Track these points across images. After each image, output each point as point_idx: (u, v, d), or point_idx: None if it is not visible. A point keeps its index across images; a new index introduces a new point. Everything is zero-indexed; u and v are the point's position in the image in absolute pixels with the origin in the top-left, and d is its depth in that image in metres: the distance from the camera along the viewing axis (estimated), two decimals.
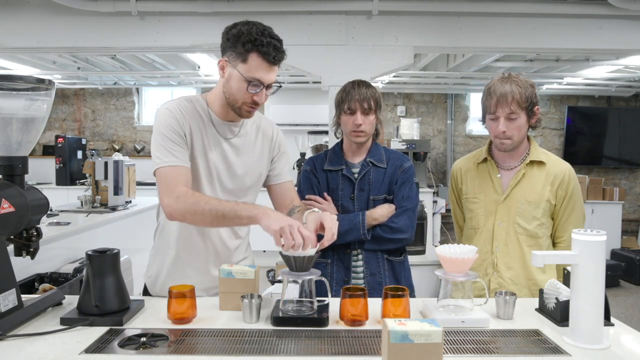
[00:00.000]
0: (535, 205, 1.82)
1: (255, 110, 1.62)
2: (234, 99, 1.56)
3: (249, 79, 1.50)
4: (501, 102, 1.74)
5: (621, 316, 4.50)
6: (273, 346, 1.26)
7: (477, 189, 1.92)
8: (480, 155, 1.96)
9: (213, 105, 1.64)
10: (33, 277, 2.75)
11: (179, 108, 1.59)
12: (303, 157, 6.34)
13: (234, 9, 3.34)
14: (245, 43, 1.47)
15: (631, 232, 7.12)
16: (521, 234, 1.83)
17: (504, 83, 1.76)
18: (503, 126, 1.77)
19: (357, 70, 3.33)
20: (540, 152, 1.88)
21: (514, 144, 1.81)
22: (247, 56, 1.48)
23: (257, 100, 1.55)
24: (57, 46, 3.52)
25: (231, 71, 1.53)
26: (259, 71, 1.50)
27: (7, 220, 1.33)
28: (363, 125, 1.87)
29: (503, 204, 1.85)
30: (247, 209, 1.45)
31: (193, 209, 1.47)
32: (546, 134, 7.27)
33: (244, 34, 1.48)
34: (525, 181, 1.84)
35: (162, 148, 1.53)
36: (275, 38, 1.52)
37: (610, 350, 1.25)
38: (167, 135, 1.54)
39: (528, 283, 1.84)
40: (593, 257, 1.26)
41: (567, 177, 1.83)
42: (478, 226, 1.91)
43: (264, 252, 6.28)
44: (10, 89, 1.40)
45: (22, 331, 1.32)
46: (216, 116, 1.64)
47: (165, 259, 1.72)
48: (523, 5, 3.32)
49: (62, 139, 6.30)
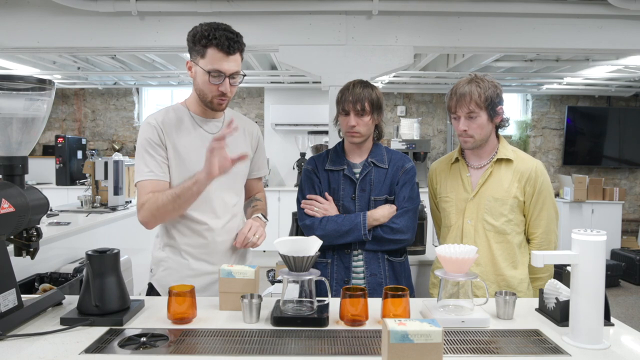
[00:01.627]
0: (502, 202, 1.86)
1: (225, 102, 1.72)
2: (203, 93, 1.69)
3: (209, 71, 1.63)
4: (460, 102, 1.83)
5: (621, 316, 4.50)
6: (273, 346, 1.26)
7: (448, 189, 1.98)
8: (453, 155, 2.02)
9: (192, 107, 1.77)
10: (33, 277, 2.75)
11: (161, 120, 1.71)
12: (303, 157, 6.34)
13: (234, 9, 3.34)
14: (200, 39, 1.62)
15: (631, 232, 7.12)
16: (489, 230, 1.87)
17: (466, 84, 1.84)
18: (463, 125, 1.85)
19: (357, 70, 3.33)
20: (509, 150, 1.92)
21: (477, 142, 1.87)
22: (204, 51, 1.63)
23: (223, 91, 1.66)
24: (57, 46, 3.51)
25: (195, 69, 1.67)
26: (216, 62, 1.62)
27: (7, 220, 1.33)
28: (357, 127, 1.88)
29: (472, 202, 1.90)
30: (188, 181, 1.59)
31: (155, 206, 1.62)
32: (546, 134, 7.27)
33: (199, 32, 1.63)
34: (492, 179, 1.89)
35: (140, 162, 1.68)
36: (229, 31, 1.64)
37: (610, 350, 1.25)
38: (146, 150, 1.68)
39: (497, 279, 1.87)
40: (593, 257, 1.26)
41: (534, 173, 1.87)
42: (450, 224, 1.97)
43: (264, 252, 6.30)
44: (10, 89, 1.40)
45: (22, 331, 1.32)
46: (198, 116, 1.77)
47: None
48: (523, 5, 3.32)
49: (62, 139, 6.31)
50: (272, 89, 6.77)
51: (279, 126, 6.65)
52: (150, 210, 1.64)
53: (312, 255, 1.42)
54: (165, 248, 1.78)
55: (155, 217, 1.66)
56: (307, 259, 1.41)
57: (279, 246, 1.45)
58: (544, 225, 1.88)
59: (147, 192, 1.66)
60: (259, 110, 7.12)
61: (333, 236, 1.87)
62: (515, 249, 1.88)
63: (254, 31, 3.41)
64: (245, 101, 7.16)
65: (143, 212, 1.65)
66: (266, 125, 6.83)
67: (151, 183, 1.66)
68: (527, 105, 7.34)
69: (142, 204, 1.65)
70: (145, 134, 1.69)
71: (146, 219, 1.67)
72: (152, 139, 1.68)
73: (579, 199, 6.19)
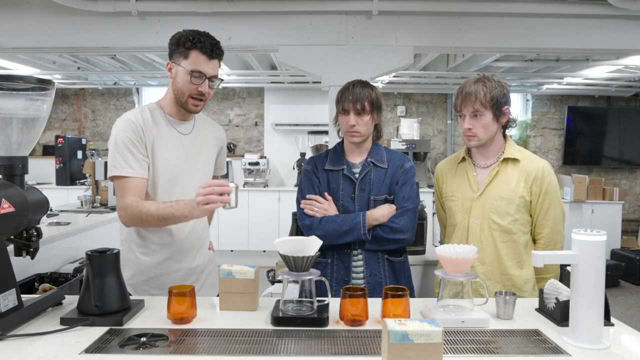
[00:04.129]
0: (509, 201, 1.86)
1: (202, 104, 1.79)
2: (181, 92, 1.75)
3: (191, 71, 1.70)
4: (465, 101, 1.84)
5: (621, 316, 4.50)
6: (273, 346, 1.26)
7: (455, 188, 1.98)
8: (460, 155, 2.03)
9: (166, 108, 1.82)
10: (33, 277, 2.75)
11: (140, 119, 1.75)
12: (303, 157, 6.34)
13: (234, 9, 3.34)
14: (185, 42, 1.70)
15: (631, 232, 7.12)
16: (495, 229, 1.87)
17: (473, 83, 1.85)
18: (468, 124, 1.86)
19: (357, 70, 3.33)
20: (516, 150, 1.92)
21: (481, 141, 1.88)
22: (188, 53, 1.71)
23: (202, 91, 1.74)
24: (57, 46, 3.52)
25: (177, 69, 1.73)
26: (199, 64, 1.71)
27: (7, 220, 1.33)
28: (357, 126, 1.88)
29: (478, 201, 1.90)
30: (179, 210, 1.63)
31: (139, 217, 1.69)
32: (546, 134, 7.27)
33: (184, 36, 1.72)
34: (499, 178, 1.89)
35: (118, 157, 1.70)
36: (212, 37, 1.74)
37: (610, 350, 1.25)
38: (127, 147, 1.71)
39: (502, 278, 1.87)
40: (593, 257, 1.26)
41: (540, 173, 1.87)
42: (455, 223, 1.97)
43: (264, 252, 6.30)
44: (10, 89, 1.40)
45: (22, 331, 1.32)
46: (172, 117, 1.82)
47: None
48: (523, 5, 3.32)
49: (62, 139, 6.31)
50: (272, 89, 6.77)
51: (279, 126, 6.64)
52: (133, 219, 1.71)
53: (312, 255, 1.42)
54: (133, 247, 1.82)
55: (137, 224, 1.75)
56: (307, 259, 1.41)
57: (279, 246, 1.45)
58: (550, 226, 1.88)
59: (129, 191, 1.70)
60: (259, 110, 7.12)
61: (333, 236, 1.87)
62: (521, 249, 1.88)
63: (254, 31, 3.42)
64: (245, 101, 7.16)
65: (126, 217, 1.71)
66: (266, 125, 6.84)
67: (133, 181, 1.71)
68: (527, 105, 7.34)
69: (126, 207, 1.69)
70: (126, 132, 1.72)
71: (127, 223, 1.75)
72: (133, 137, 1.72)
73: (579, 199, 6.19)
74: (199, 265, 1.89)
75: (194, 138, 1.85)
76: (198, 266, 1.89)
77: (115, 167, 1.71)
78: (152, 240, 1.79)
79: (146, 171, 1.74)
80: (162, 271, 1.81)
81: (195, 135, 1.86)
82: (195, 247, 1.88)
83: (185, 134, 1.83)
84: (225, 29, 3.39)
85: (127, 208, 1.69)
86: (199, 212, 1.59)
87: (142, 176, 1.73)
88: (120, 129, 1.73)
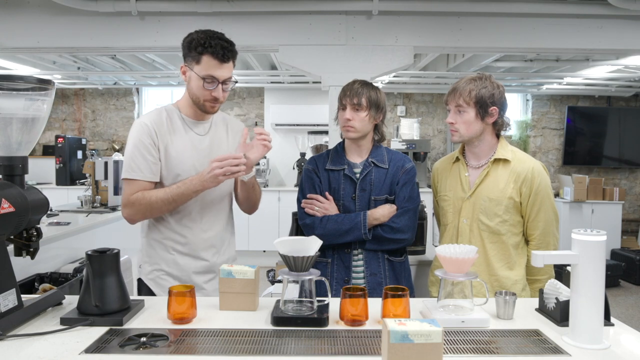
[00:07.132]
0: (497, 202, 1.86)
1: (218, 105, 1.80)
2: (196, 97, 1.76)
3: (203, 77, 1.70)
4: (451, 95, 1.89)
5: (621, 316, 4.50)
6: (273, 346, 1.26)
7: (448, 187, 1.99)
8: (454, 155, 2.03)
9: (183, 109, 1.84)
10: (33, 277, 2.75)
11: (155, 122, 1.77)
12: (303, 157, 6.34)
13: (234, 9, 3.34)
14: (196, 47, 1.69)
15: (631, 232, 7.12)
16: (484, 230, 1.87)
17: (464, 80, 1.88)
18: (451, 118, 1.89)
19: (357, 70, 3.33)
20: (507, 151, 1.91)
21: (463, 137, 1.90)
22: (199, 58, 1.70)
23: (216, 96, 1.74)
24: (57, 46, 3.52)
25: (190, 74, 1.74)
26: (211, 69, 1.70)
27: (7, 220, 1.33)
28: (352, 121, 1.89)
29: (468, 201, 1.90)
30: (189, 188, 1.69)
31: (147, 205, 1.71)
32: (546, 134, 7.27)
33: (195, 39, 1.70)
34: (489, 179, 1.89)
35: (130, 160, 1.74)
36: (224, 40, 1.72)
37: (610, 350, 1.25)
38: (139, 150, 1.74)
39: (490, 279, 1.87)
40: (593, 257, 1.26)
41: (530, 174, 1.86)
42: (447, 223, 1.98)
43: (264, 252, 6.30)
44: (10, 89, 1.40)
45: (22, 331, 1.32)
46: (188, 118, 1.83)
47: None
48: (523, 5, 3.32)
49: (62, 139, 6.31)
50: (272, 89, 6.77)
51: (279, 126, 6.64)
52: (140, 209, 1.73)
53: (312, 255, 1.42)
54: (152, 243, 1.84)
55: (145, 214, 1.77)
56: (307, 259, 1.41)
57: (279, 246, 1.45)
58: (541, 227, 1.87)
59: (133, 191, 1.73)
60: (259, 110, 7.12)
61: (333, 235, 1.87)
62: (511, 250, 1.87)
63: (254, 31, 3.42)
64: (245, 101, 7.16)
65: (130, 209, 1.74)
66: (266, 125, 6.83)
67: (138, 184, 1.74)
68: (527, 105, 7.34)
69: (132, 202, 1.73)
70: (139, 135, 1.75)
71: (132, 216, 1.76)
72: (146, 140, 1.75)
73: (579, 199, 6.19)
74: (217, 262, 1.88)
75: (211, 139, 1.86)
76: (216, 263, 1.87)
77: (126, 170, 1.75)
78: (172, 238, 1.81)
79: (155, 175, 1.76)
80: (183, 266, 1.83)
81: (212, 136, 1.87)
82: (215, 245, 1.87)
83: (201, 134, 1.84)
84: (225, 29, 3.34)
85: (135, 201, 1.72)
86: (211, 183, 1.66)
87: (149, 179, 1.75)
88: (134, 131, 1.77)
